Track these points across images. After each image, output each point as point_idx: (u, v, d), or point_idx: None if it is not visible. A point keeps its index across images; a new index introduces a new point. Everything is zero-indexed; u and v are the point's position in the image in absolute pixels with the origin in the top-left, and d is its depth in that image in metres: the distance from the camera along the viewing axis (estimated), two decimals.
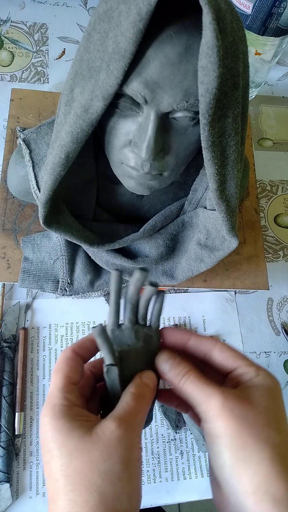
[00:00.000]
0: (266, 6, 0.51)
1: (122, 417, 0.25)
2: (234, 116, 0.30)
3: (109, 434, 0.23)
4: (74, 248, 0.48)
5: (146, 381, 0.28)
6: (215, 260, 0.44)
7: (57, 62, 0.67)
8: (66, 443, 0.23)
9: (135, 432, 0.25)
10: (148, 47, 0.27)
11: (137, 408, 0.26)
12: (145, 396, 0.27)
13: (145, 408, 0.27)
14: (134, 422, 0.25)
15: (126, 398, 0.26)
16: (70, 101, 0.32)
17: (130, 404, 0.26)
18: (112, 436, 0.23)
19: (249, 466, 0.23)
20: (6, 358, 0.49)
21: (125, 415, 0.25)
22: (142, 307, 0.29)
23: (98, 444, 0.23)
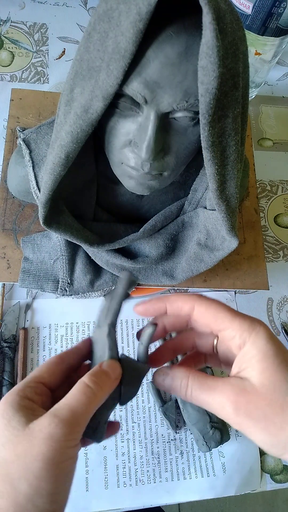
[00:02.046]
0: (266, 6, 0.51)
1: (59, 413, 0.24)
2: (234, 116, 0.30)
3: (38, 431, 0.23)
4: (74, 248, 0.48)
5: (106, 369, 0.27)
6: (215, 260, 0.44)
7: (57, 62, 0.67)
8: (4, 432, 0.23)
9: (70, 430, 0.24)
10: (148, 47, 0.27)
11: (83, 403, 0.25)
12: (100, 388, 0.26)
13: (95, 402, 0.25)
14: (73, 418, 0.24)
15: (75, 389, 0.25)
16: (70, 101, 0.32)
17: (76, 399, 0.25)
18: (41, 433, 0.23)
19: None
20: (6, 358, 0.49)
21: (65, 411, 0.24)
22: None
23: (26, 438, 0.23)
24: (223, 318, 0.26)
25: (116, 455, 0.48)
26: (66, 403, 0.25)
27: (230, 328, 0.25)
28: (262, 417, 0.23)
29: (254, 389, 0.23)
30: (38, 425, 0.23)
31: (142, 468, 0.48)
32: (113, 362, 0.27)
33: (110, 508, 0.46)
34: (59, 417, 0.24)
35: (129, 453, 0.48)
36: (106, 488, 0.47)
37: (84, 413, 0.25)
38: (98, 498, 0.46)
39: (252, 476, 0.49)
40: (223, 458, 0.50)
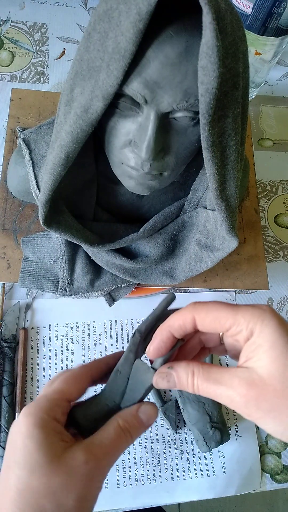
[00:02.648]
0: (266, 6, 0.51)
1: (95, 451, 0.24)
2: (234, 116, 0.30)
3: (75, 467, 0.23)
4: (74, 248, 0.48)
5: (142, 417, 0.26)
6: (215, 260, 0.44)
7: (57, 62, 0.67)
8: (33, 455, 0.22)
9: (102, 470, 0.24)
10: (148, 47, 0.27)
11: (115, 445, 0.25)
12: (131, 433, 0.25)
13: (125, 446, 0.25)
14: (106, 459, 0.24)
15: (110, 429, 0.25)
16: (70, 101, 0.32)
17: (110, 439, 0.24)
18: (77, 470, 0.23)
19: None
20: (6, 358, 0.49)
21: (100, 450, 0.24)
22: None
23: (61, 471, 0.22)
24: (226, 317, 0.25)
25: None
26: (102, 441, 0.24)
27: (235, 324, 0.25)
28: (273, 407, 0.22)
29: (263, 381, 0.23)
30: (74, 460, 0.23)
31: (142, 468, 0.48)
32: (151, 410, 0.27)
33: (110, 508, 0.46)
34: (96, 456, 0.23)
35: (129, 453, 0.48)
36: (106, 488, 0.47)
37: (115, 458, 0.25)
38: (98, 498, 0.46)
39: (252, 476, 0.49)
40: (223, 458, 0.50)
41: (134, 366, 0.28)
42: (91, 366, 0.28)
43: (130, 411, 0.26)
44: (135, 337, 0.28)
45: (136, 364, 0.28)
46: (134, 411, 0.26)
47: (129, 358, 0.28)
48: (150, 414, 0.27)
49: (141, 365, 0.28)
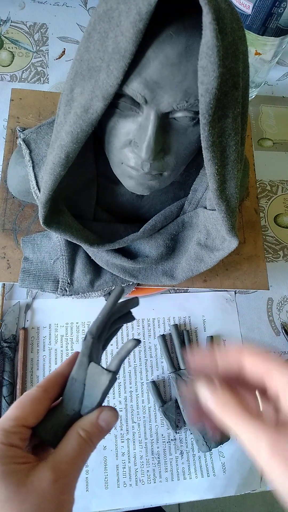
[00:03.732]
0: (266, 6, 0.51)
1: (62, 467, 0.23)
2: (234, 116, 0.30)
3: (44, 488, 0.22)
4: (74, 248, 0.48)
5: (102, 424, 0.26)
6: (215, 260, 0.44)
7: (57, 62, 0.67)
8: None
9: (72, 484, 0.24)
10: (148, 47, 0.27)
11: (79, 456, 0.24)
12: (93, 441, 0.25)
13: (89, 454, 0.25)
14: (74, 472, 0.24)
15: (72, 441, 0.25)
16: (70, 101, 0.32)
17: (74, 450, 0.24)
18: (47, 491, 0.22)
19: None
20: (6, 358, 0.49)
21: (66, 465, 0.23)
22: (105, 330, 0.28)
23: (30, 497, 0.22)
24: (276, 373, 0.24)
25: (116, 455, 0.48)
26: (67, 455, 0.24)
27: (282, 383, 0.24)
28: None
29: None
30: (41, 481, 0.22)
31: (142, 468, 0.48)
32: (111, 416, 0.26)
33: (110, 508, 0.46)
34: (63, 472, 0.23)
35: (129, 453, 0.48)
36: (106, 488, 0.47)
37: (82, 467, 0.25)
38: (98, 498, 0.46)
39: (252, 476, 0.49)
40: (223, 458, 0.50)
41: (89, 370, 0.27)
42: (46, 385, 0.27)
43: (90, 420, 0.26)
44: (87, 339, 0.27)
45: (90, 367, 0.27)
46: (94, 420, 0.26)
47: (83, 363, 0.27)
48: (110, 420, 0.26)
49: (95, 368, 0.27)
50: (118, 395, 0.50)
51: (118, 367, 0.27)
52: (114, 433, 0.49)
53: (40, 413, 0.26)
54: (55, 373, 0.28)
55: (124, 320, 0.31)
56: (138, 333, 0.53)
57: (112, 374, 0.27)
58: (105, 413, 0.27)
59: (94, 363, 0.27)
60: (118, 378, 0.51)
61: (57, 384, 0.28)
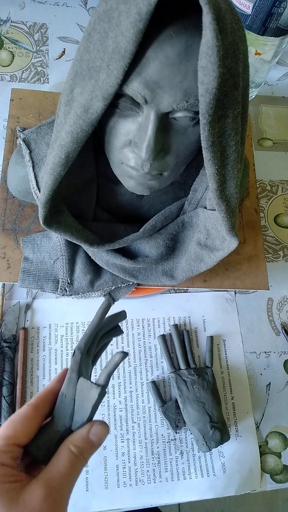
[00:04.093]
0: (266, 6, 0.51)
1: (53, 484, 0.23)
2: (234, 116, 0.30)
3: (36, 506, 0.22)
4: (74, 248, 0.48)
5: (93, 438, 0.26)
6: (215, 260, 0.44)
7: (57, 62, 0.67)
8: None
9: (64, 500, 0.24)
10: (148, 47, 0.27)
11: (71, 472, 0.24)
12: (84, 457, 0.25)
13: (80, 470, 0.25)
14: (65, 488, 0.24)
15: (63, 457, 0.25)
16: (70, 101, 0.32)
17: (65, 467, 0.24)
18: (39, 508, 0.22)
19: None
20: (6, 358, 0.49)
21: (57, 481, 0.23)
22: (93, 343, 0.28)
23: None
24: None
25: (116, 455, 0.48)
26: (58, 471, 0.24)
27: None
28: None
29: None
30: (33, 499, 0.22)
31: (142, 468, 0.48)
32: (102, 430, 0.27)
33: (110, 508, 0.46)
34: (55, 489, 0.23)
35: (129, 453, 0.48)
36: (106, 488, 0.47)
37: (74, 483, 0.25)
38: (98, 498, 0.46)
39: (252, 476, 0.49)
40: (223, 458, 0.50)
41: (78, 385, 0.27)
42: (37, 403, 0.27)
43: (80, 435, 0.26)
44: (76, 355, 0.27)
45: (79, 383, 0.27)
46: (85, 435, 0.26)
47: (72, 379, 0.27)
48: (100, 434, 0.27)
49: (84, 383, 0.27)
50: (118, 395, 0.50)
51: (107, 381, 0.27)
52: (114, 433, 0.49)
53: (32, 431, 0.26)
54: (45, 390, 0.28)
55: (112, 334, 0.31)
56: (138, 333, 0.53)
57: (101, 388, 0.27)
58: (95, 428, 0.27)
59: (83, 378, 0.27)
60: (118, 378, 0.51)
61: (47, 401, 0.28)
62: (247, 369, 0.54)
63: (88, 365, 0.28)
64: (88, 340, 0.28)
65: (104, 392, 0.27)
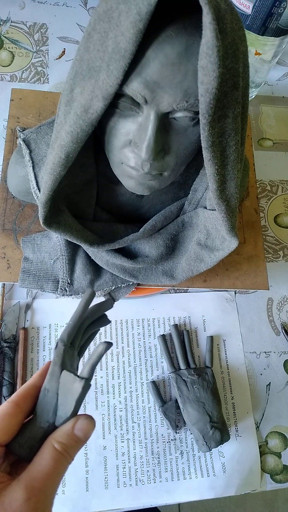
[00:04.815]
0: (266, 6, 0.51)
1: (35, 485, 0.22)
2: (234, 116, 0.30)
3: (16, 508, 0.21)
4: (74, 248, 0.48)
5: (78, 433, 0.25)
6: (215, 260, 0.44)
7: (57, 62, 0.67)
8: None
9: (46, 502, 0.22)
10: (148, 47, 0.27)
11: (55, 471, 0.23)
12: (70, 454, 0.24)
13: (66, 468, 0.24)
14: (48, 489, 0.22)
15: (46, 455, 0.23)
16: (70, 101, 0.32)
17: (48, 466, 0.23)
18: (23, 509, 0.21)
19: None
20: (6, 358, 0.49)
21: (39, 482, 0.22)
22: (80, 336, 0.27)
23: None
24: None
25: (116, 455, 0.48)
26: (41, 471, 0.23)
27: None
28: None
29: None
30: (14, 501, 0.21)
31: (142, 468, 0.48)
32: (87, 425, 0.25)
33: (110, 508, 0.46)
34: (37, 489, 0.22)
35: (129, 453, 0.48)
36: (106, 488, 0.47)
37: (58, 482, 0.23)
38: (98, 498, 0.46)
39: (252, 476, 0.49)
40: (223, 458, 0.50)
41: (61, 379, 0.26)
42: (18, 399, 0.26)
43: (65, 431, 0.25)
44: (58, 347, 0.26)
45: (62, 376, 0.26)
46: (69, 430, 0.25)
47: (55, 372, 0.26)
48: (86, 429, 0.25)
49: (67, 376, 0.26)
50: (118, 395, 0.50)
51: (91, 373, 0.26)
52: (114, 433, 0.49)
53: (13, 429, 0.25)
54: (27, 385, 0.27)
55: (99, 324, 0.30)
56: (138, 333, 0.53)
57: (85, 381, 0.25)
58: (80, 422, 0.25)
59: (66, 371, 0.26)
60: (118, 378, 0.51)
61: (29, 396, 0.26)
62: (247, 369, 0.54)
63: (73, 357, 0.27)
64: (72, 331, 0.27)
65: (89, 385, 0.26)
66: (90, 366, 0.26)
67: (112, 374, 0.51)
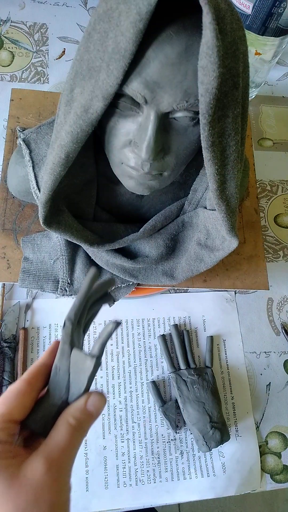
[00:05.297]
0: (266, 6, 0.51)
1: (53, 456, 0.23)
2: (234, 116, 0.30)
3: (38, 479, 0.22)
4: (74, 248, 0.48)
5: (90, 408, 0.26)
6: (215, 260, 0.44)
7: (57, 62, 0.67)
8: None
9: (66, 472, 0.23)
10: (148, 47, 0.27)
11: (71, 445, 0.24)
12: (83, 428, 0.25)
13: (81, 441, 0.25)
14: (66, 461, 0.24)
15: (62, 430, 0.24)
16: (70, 101, 0.32)
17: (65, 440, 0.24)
18: (41, 481, 0.22)
19: None
20: (6, 358, 0.49)
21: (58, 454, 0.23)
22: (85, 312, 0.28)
23: (25, 488, 0.22)
24: None
25: (116, 455, 0.48)
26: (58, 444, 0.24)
27: None
28: None
29: None
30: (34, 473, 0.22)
31: (142, 468, 0.48)
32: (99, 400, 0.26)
33: (110, 508, 0.46)
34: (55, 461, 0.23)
35: (129, 453, 0.48)
36: (106, 488, 0.47)
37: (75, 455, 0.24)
38: (98, 498, 0.46)
39: (252, 476, 0.49)
40: (223, 458, 0.50)
41: (72, 357, 0.27)
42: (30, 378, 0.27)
43: (78, 407, 0.26)
44: (66, 326, 0.27)
45: (73, 354, 0.27)
46: (82, 406, 0.26)
47: (65, 351, 0.27)
48: (98, 405, 0.26)
49: (78, 355, 0.26)
50: (118, 395, 0.50)
51: (101, 351, 0.27)
52: (114, 433, 0.49)
53: (27, 406, 0.26)
54: (37, 364, 0.28)
55: (102, 302, 0.30)
56: (138, 333, 0.53)
57: (96, 358, 0.26)
58: (92, 398, 0.26)
59: (77, 350, 0.27)
60: (118, 378, 0.51)
61: (40, 375, 0.27)
62: (247, 369, 0.54)
63: (79, 335, 0.28)
64: (78, 310, 0.27)
65: (99, 363, 0.27)
66: (101, 344, 0.26)
67: (112, 374, 0.51)
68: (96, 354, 0.26)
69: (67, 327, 0.27)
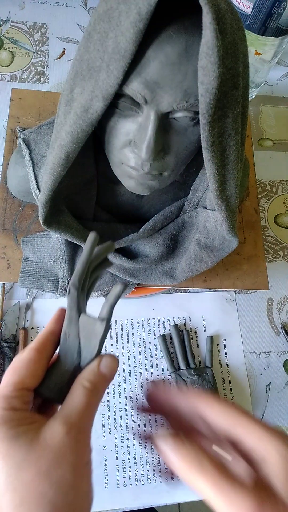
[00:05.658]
0: (266, 6, 0.51)
1: (72, 419, 0.23)
2: (234, 116, 0.30)
3: (58, 441, 0.22)
4: (74, 248, 0.48)
5: (104, 370, 0.26)
6: (215, 260, 0.44)
7: (57, 62, 0.67)
8: (11, 453, 0.22)
9: (86, 434, 0.24)
10: (148, 47, 0.27)
11: (89, 407, 0.24)
12: (99, 390, 0.25)
13: (98, 403, 0.25)
14: (85, 423, 0.24)
15: (78, 394, 0.25)
16: (70, 101, 0.32)
17: (81, 403, 0.24)
18: (62, 443, 0.22)
19: None
20: (6, 358, 0.49)
21: (76, 416, 0.23)
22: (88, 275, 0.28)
23: (46, 451, 0.22)
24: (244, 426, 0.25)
25: (116, 455, 0.48)
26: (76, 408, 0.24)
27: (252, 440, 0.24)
28: None
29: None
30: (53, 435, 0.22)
31: (142, 468, 0.48)
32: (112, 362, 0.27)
33: (110, 508, 0.46)
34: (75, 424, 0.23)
35: (129, 453, 0.48)
36: (106, 488, 0.47)
37: (93, 418, 0.25)
38: (98, 498, 0.46)
39: None
40: None
41: (80, 322, 0.27)
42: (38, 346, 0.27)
43: (92, 370, 0.26)
44: (72, 293, 0.27)
45: (81, 320, 0.27)
46: (95, 369, 0.26)
47: (73, 317, 0.27)
48: (111, 366, 0.26)
49: (87, 319, 0.27)
50: (118, 395, 0.50)
51: (110, 314, 0.27)
52: (114, 433, 0.49)
53: (38, 374, 0.26)
54: (44, 332, 0.28)
55: (102, 267, 0.31)
56: (138, 333, 0.53)
57: (105, 321, 0.26)
58: (105, 360, 0.27)
59: (85, 315, 0.27)
60: (118, 378, 0.51)
61: (48, 342, 0.27)
62: (247, 369, 0.54)
63: (84, 300, 0.28)
64: (81, 276, 0.27)
65: (109, 326, 0.27)
66: (109, 306, 0.27)
67: None
68: (106, 317, 0.26)
69: (72, 294, 0.27)
